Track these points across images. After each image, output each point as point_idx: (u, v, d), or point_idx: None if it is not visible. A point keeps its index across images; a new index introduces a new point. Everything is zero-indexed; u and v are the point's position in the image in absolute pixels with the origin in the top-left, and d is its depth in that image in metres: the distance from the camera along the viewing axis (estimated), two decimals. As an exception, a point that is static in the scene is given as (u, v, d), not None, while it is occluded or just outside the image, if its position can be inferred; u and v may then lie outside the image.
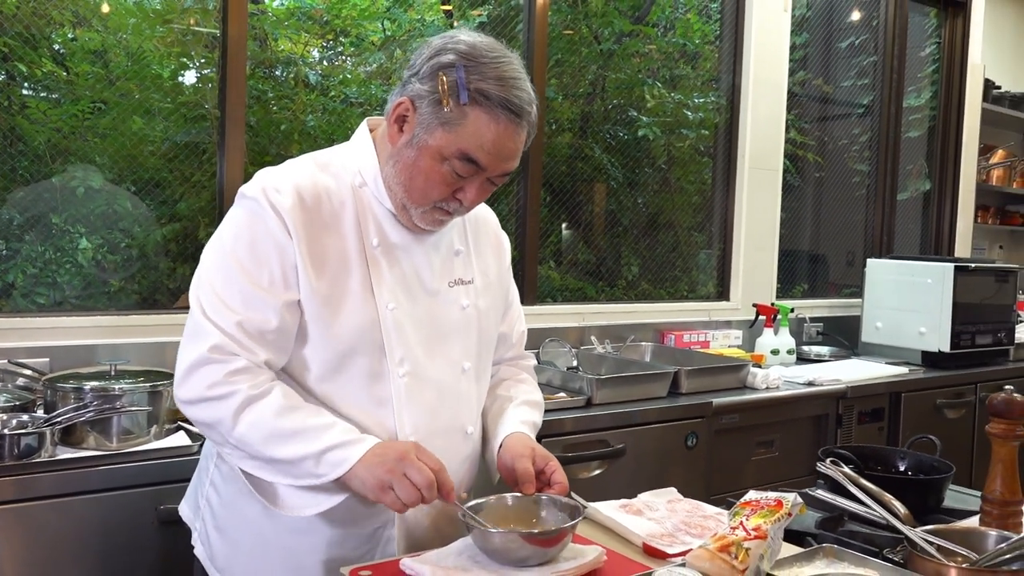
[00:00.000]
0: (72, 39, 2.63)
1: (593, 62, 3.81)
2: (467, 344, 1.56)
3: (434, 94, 1.36)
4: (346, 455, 1.34)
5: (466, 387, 1.56)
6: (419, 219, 1.45)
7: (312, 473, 1.36)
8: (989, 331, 3.91)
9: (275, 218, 1.38)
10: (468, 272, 1.59)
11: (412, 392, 1.46)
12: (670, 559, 1.40)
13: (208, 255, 1.43)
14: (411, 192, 1.42)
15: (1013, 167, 5.61)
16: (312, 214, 1.40)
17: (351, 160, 1.49)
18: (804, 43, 4.41)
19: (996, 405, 1.57)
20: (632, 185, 3.87)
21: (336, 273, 1.42)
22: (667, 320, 3.64)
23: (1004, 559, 1.33)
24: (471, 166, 1.39)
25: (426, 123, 1.38)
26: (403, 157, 1.42)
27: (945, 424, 3.64)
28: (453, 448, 1.52)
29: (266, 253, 1.38)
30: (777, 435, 3.12)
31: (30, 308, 2.47)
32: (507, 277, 1.72)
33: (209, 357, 1.36)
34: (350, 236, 1.44)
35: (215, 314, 1.38)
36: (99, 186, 2.60)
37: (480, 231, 1.66)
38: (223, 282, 1.39)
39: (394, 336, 1.45)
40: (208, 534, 1.54)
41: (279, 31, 3.08)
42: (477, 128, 1.36)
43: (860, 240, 4.76)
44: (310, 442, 1.35)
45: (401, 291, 1.47)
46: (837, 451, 1.80)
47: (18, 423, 1.91)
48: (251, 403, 1.36)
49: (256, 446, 1.36)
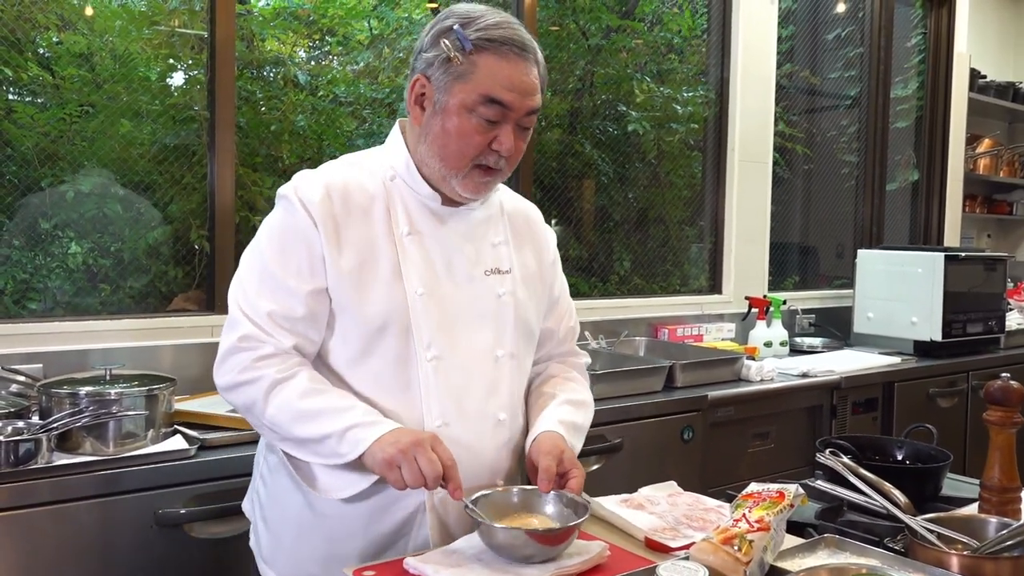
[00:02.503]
0: (57, 42, 2.62)
1: (581, 58, 3.80)
2: (501, 332, 1.57)
3: (440, 56, 1.44)
4: (366, 434, 1.38)
5: (498, 374, 1.56)
6: (462, 187, 1.49)
7: (335, 452, 1.40)
8: (980, 319, 3.94)
9: (303, 212, 1.45)
10: (507, 262, 1.61)
11: (440, 376, 1.49)
12: (673, 553, 1.40)
13: (246, 252, 1.52)
14: (447, 159, 1.47)
15: (999, 156, 5.64)
16: (340, 206, 1.47)
17: (383, 157, 1.57)
18: (791, 35, 4.42)
19: (993, 393, 1.58)
20: (622, 180, 3.87)
21: (364, 260, 1.47)
22: (660, 314, 3.65)
23: (1005, 546, 1.34)
24: (497, 107, 1.43)
25: (442, 85, 1.44)
26: (432, 129, 1.47)
27: (938, 413, 3.66)
28: (483, 434, 1.54)
29: (294, 246, 1.45)
30: (772, 427, 3.13)
31: (21, 314, 2.45)
32: (552, 272, 1.74)
33: (239, 346, 1.44)
34: (379, 224, 1.50)
35: (246, 306, 1.46)
36: (88, 190, 2.58)
37: (522, 226, 1.69)
38: (254, 276, 1.48)
39: (423, 320, 1.48)
40: (258, 526, 1.61)
41: (266, 31, 3.07)
42: (490, 69, 1.42)
43: (850, 231, 4.78)
44: (333, 422, 1.40)
45: (431, 277, 1.51)
46: (835, 441, 1.81)
47: (13, 430, 1.89)
48: (278, 385, 1.42)
49: (285, 426, 1.43)
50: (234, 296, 1.49)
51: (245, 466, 2.00)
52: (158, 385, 2.05)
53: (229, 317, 1.48)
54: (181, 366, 2.44)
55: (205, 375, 2.48)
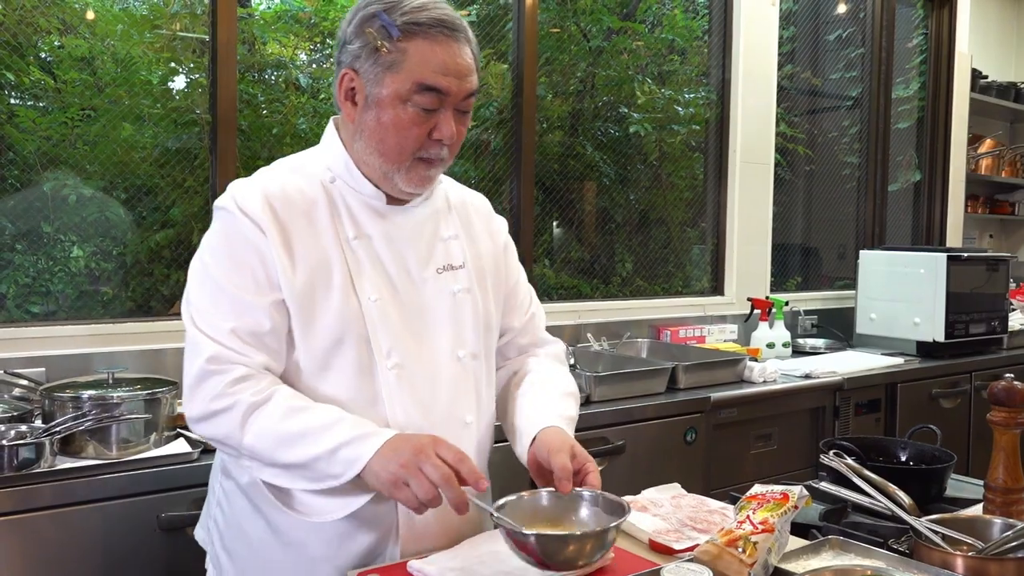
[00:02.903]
0: (59, 47, 2.62)
1: (582, 59, 3.80)
2: (461, 331, 1.51)
3: (366, 47, 1.37)
4: (359, 452, 1.29)
5: (462, 375, 1.51)
6: (404, 182, 1.43)
7: (328, 474, 1.31)
8: (983, 320, 3.93)
9: (248, 222, 1.37)
10: (459, 257, 1.54)
11: (403, 384, 1.43)
12: (677, 555, 1.40)
13: (193, 271, 1.42)
14: (387, 154, 1.40)
15: (1001, 156, 5.63)
16: (283, 215, 1.39)
17: (320, 159, 1.49)
18: (791, 37, 4.42)
19: (997, 393, 1.57)
20: (624, 182, 3.87)
21: (314, 270, 1.40)
22: (662, 316, 3.65)
23: (1010, 547, 1.33)
24: (433, 95, 1.37)
25: (372, 77, 1.37)
26: (366, 124, 1.40)
27: (941, 413, 3.66)
28: (451, 439, 1.42)
29: (246, 257, 1.37)
30: (775, 428, 3.12)
31: (24, 318, 2.45)
32: (506, 259, 1.67)
33: (208, 369, 1.34)
34: (325, 233, 1.42)
35: (207, 326, 1.36)
36: (90, 194, 2.58)
37: (471, 216, 1.63)
38: (210, 293, 1.38)
39: (380, 328, 1.41)
40: (218, 555, 1.52)
41: (268, 34, 3.07)
42: (421, 55, 1.35)
43: (852, 232, 4.78)
44: (319, 442, 1.31)
45: (384, 282, 1.44)
46: (839, 443, 1.80)
47: (16, 434, 1.89)
48: (254, 410, 1.33)
49: (267, 453, 1.33)
50: (188, 318, 1.39)
51: (248, 469, 2.00)
52: (161, 389, 2.05)
53: (188, 340, 1.38)
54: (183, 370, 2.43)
55: (208, 378, 2.48)
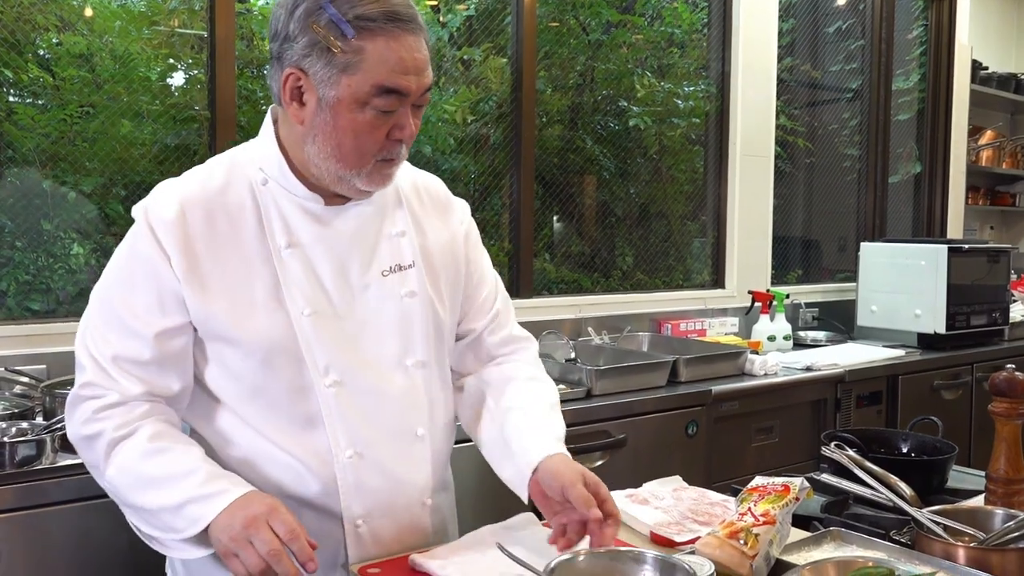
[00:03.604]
0: (57, 43, 2.61)
1: (582, 53, 3.80)
2: (409, 337, 1.41)
3: (316, 46, 1.23)
4: (202, 511, 1.21)
5: (411, 386, 1.41)
6: (365, 183, 1.32)
7: (171, 527, 1.24)
8: (984, 311, 3.93)
9: (152, 242, 1.29)
10: (408, 255, 1.43)
11: (343, 402, 1.34)
12: (679, 547, 1.40)
13: (96, 286, 1.35)
14: (344, 158, 1.29)
15: (1002, 148, 5.63)
16: (199, 227, 1.30)
17: (254, 155, 1.38)
18: (791, 29, 4.41)
19: (998, 384, 1.57)
20: (624, 175, 3.87)
21: (236, 286, 1.30)
22: (663, 309, 3.64)
23: (1011, 537, 1.34)
24: (393, 97, 1.25)
25: (325, 79, 1.25)
26: (320, 127, 1.28)
27: (942, 405, 3.66)
28: (403, 454, 1.40)
29: (140, 279, 1.30)
30: (776, 421, 3.12)
31: (24, 315, 2.45)
32: (466, 251, 1.54)
33: (81, 394, 1.30)
34: (251, 243, 1.32)
35: (93, 347, 1.31)
36: (90, 191, 2.58)
37: (425, 204, 1.50)
38: (101, 313, 1.32)
39: (314, 344, 1.32)
40: (174, 562, 1.45)
41: (266, 30, 3.06)
42: (379, 55, 1.23)
43: (852, 224, 4.77)
44: (170, 492, 1.23)
45: (318, 293, 1.34)
46: (840, 435, 1.80)
47: (17, 431, 1.90)
48: (116, 445, 1.27)
49: (123, 492, 1.27)
50: (81, 337, 1.33)
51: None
52: (162, 385, 2.05)
53: (76, 361, 1.33)
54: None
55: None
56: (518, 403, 1.49)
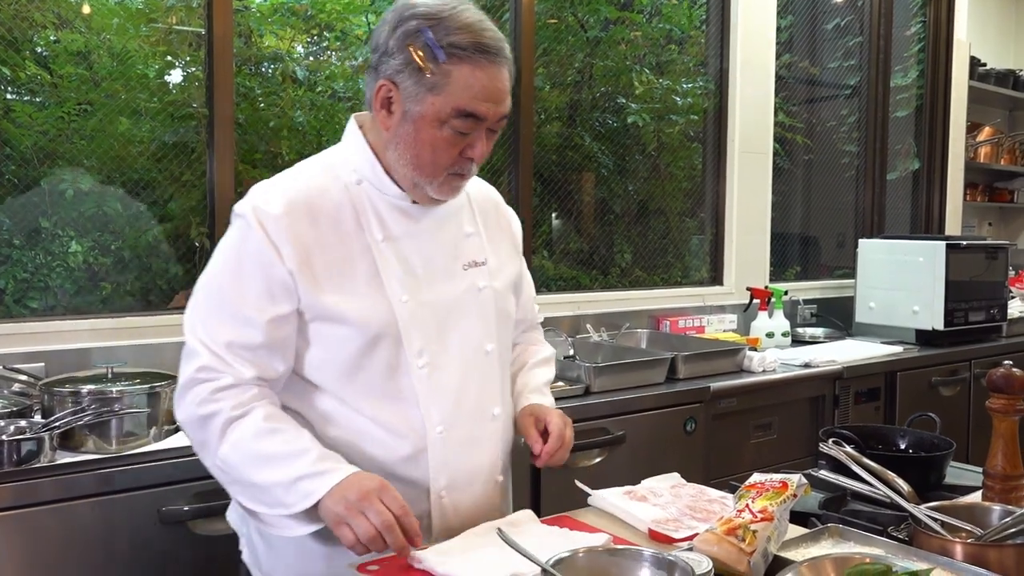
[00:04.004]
0: (55, 41, 2.61)
1: (580, 50, 3.79)
2: (487, 326, 1.55)
3: (410, 64, 1.37)
4: (315, 486, 1.32)
5: (489, 369, 1.56)
6: (436, 192, 1.46)
7: (281, 502, 1.34)
8: (982, 308, 3.93)
9: (262, 235, 1.39)
10: (481, 253, 1.58)
11: (434, 382, 1.47)
12: (677, 544, 1.40)
13: (202, 276, 1.45)
14: (421, 168, 1.43)
15: (1000, 144, 5.63)
16: (305, 223, 1.41)
17: (345, 159, 1.50)
18: (789, 25, 4.41)
19: (996, 380, 1.57)
20: (623, 172, 3.87)
21: (341, 275, 1.42)
22: (662, 306, 3.65)
23: (1009, 533, 1.34)
24: (470, 120, 1.39)
25: (413, 95, 1.38)
26: (403, 136, 1.42)
27: (940, 401, 3.66)
28: (481, 432, 1.53)
29: (251, 271, 1.40)
30: (775, 417, 3.13)
31: (23, 313, 2.45)
32: (519, 254, 1.72)
33: (197, 377, 1.39)
34: (352, 235, 1.44)
35: (204, 336, 1.40)
36: (88, 188, 2.58)
37: (488, 211, 1.66)
38: (211, 303, 1.42)
39: (411, 328, 1.45)
40: (253, 539, 1.55)
41: (264, 27, 3.06)
42: (464, 81, 1.37)
43: (851, 221, 4.77)
44: (285, 469, 1.33)
45: (412, 281, 1.47)
46: (838, 431, 1.81)
47: (16, 429, 1.90)
48: (232, 424, 1.37)
49: (236, 467, 1.37)
50: (191, 325, 1.42)
51: (248, 462, 2.00)
52: (160, 383, 2.05)
53: (186, 348, 1.42)
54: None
55: (207, 372, 2.48)
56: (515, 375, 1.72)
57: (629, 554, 1.26)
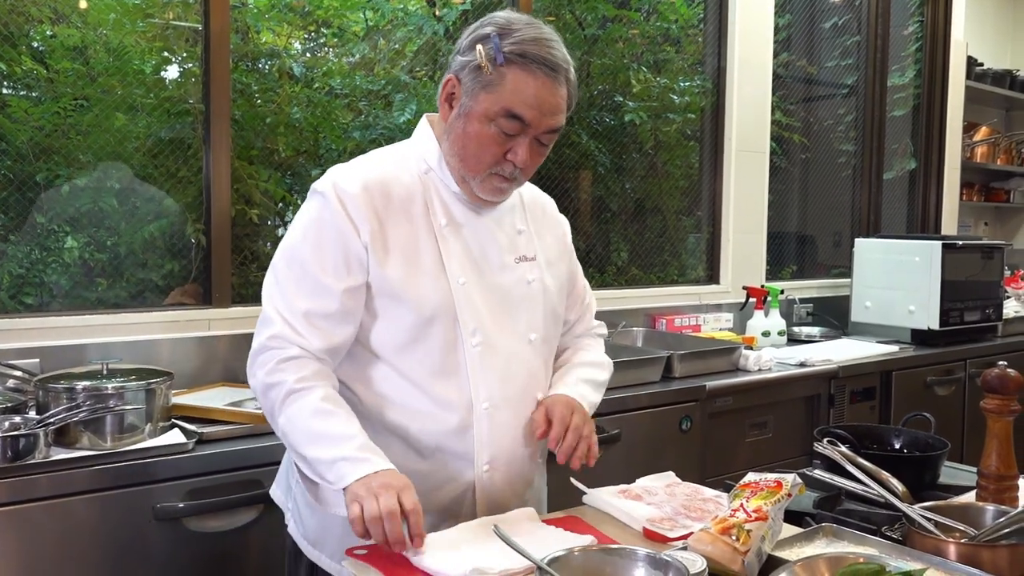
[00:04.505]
0: (51, 36, 2.60)
1: (577, 48, 3.79)
2: (533, 316, 1.63)
3: (473, 62, 1.47)
4: (349, 471, 1.39)
5: (533, 357, 1.63)
6: (479, 189, 1.54)
7: (323, 477, 1.43)
8: (977, 307, 3.94)
9: (340, 210, 1.49)
10: (531, 250, 1.67)
11: (485, 360, 1.54)
12: (672, 543, 1.40)
13: (280, 247, 1.55)
14: (466, 160, 1.52)
15: (996, 144, 5.64)
16: (379, 202, 1.51)
17: (415, 150, 1.61)
18: (787, 24, 4.41)
19: (990, 381, 1.58)
20: (619, 171, 3.87)
21: (408, 253, 1.52)
22: (658, 305, 3.65)
23: (1002, 533, 1.34)
24: (516, 122, 1.47)
25: (470, 90, 1.48)
26: (455, 129, 1.52)
27: (936, 401, 3.67)
28: (524, 413, 1.60)
29: (330, 243, 1.49)
30: (770, 416, 3.13)
31: (18, 309, 2.45)
32: (569, 258, 1.80)
33: (268, 344, 1.49)
34: (419, 218, 1.54)
35: (282, 305, 1.50)
36: (83, 184, 2.57)
37: (539, 214, 1.76)
38: (292, 273, 1.51)
39: (466, 308, 1.53)
40: (300, 512, 1.63)
41: (261, 23, 3.06)
42: (516, 85, 1.45)
43: (847, 220, 4.78)
44: (329, 448, 1.42)
45: (470, 266, 1.56)
46: (833, 430, 1.81)
47: (10, 425, 1.89)
48: (291, 396, 1.46)
49: (291, 439, 1.47)
50: (269, 293, 1.52)
51: (243, 460, 2.01)
52: (155, 379, 2.05)
53: (262, 315, 1.51)
54: (178, 360, 2.43)
55: (203, 369, 2.48)
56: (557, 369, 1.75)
57: (624, 553, 1.26)
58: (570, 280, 1.80)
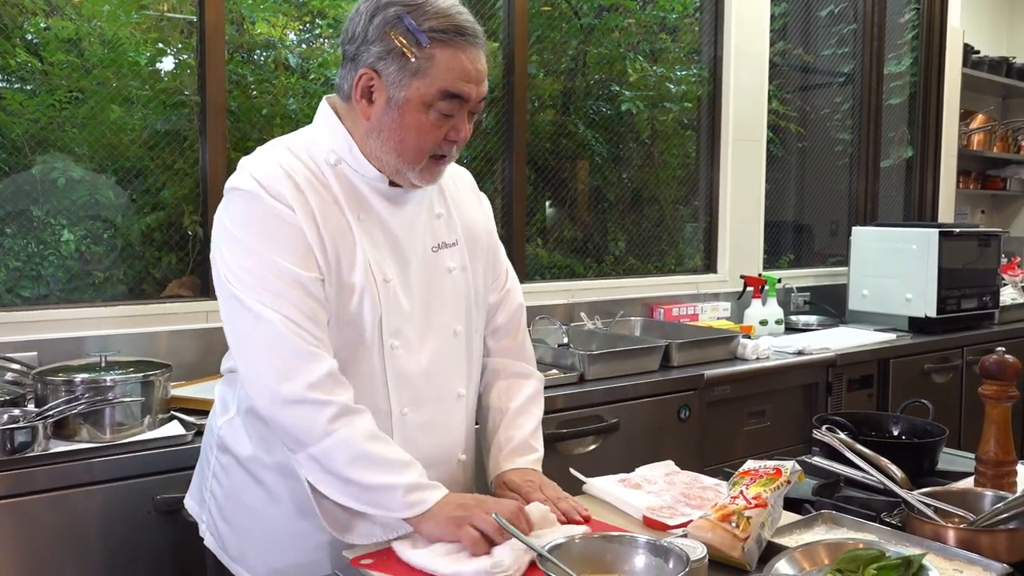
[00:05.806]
0: (45, 28, 2.59)
1: (574, 37, 3.78)
2: (456, 307, 1.57)
3: (392, 51, 1.38)
4: (428, 496, 1.35)
5: (457, 350, 1.57)
6: (418, 178, 1.46)
7: (387, 505, 1.34)
8: (974, 295, 3.95)
9: (278, 204, 1.37)
10: (452, 234, 1.59)
11: (404, 362, 1.48)
12: (671, 531, 1.41)
13: (228, 270, 1.40)
14: (405, 153, 1.43)
15: (993, 131, 5.63)
16: (306, 195, 1.40)
17: (320, 140, 1.48)
18: (783, 13, 4.40)
19: (988, 367, 1.58)
20: (616, 160, 3.86)
21: (339, 248, 1.42)
22: (655, 294, 3.65)
23: (1001, 518, 1.35)
24: (455, 101, 1.40)
25: (397, 81, 1.39)
26: (386, 124, 1.42)
27: (933, 388, 3.68)
28: (446, 412, 1.55)
29: (285, 236, 1.37)
30: (768, 405, 3.14)
31: (15, 302, 2.44)
32: (494, 238, 1.70)
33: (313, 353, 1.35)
34: (339, 211, 1.44)
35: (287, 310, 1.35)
36: (80, 177, 2.56)
37: (458, 189, 1.66)
38: (268, 275, 1.36)
39: (386, 307, 1.45)
40: (216, 525, 1.56)
41: (256, 14, 3.04)
42: (447, 63, 1.38)
43: (844, 209, 4.78)
44: (398, 475, 1.35)
45: (392, 262, 1.48)
46: (832, 418, 1.81)
47: (9, 418, 1.89)
48: (345, 416, 1.35)
49: (339, 462, 1.34)
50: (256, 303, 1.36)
51: (242, 451, 2.00)
52: (154, 371, 2.05)
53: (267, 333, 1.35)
54: (176, 352, 2.43)
55: (200, 361, 2.48)
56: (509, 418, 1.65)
57: (624, 540, 1.27)
58: (497, 262, 1.70)
